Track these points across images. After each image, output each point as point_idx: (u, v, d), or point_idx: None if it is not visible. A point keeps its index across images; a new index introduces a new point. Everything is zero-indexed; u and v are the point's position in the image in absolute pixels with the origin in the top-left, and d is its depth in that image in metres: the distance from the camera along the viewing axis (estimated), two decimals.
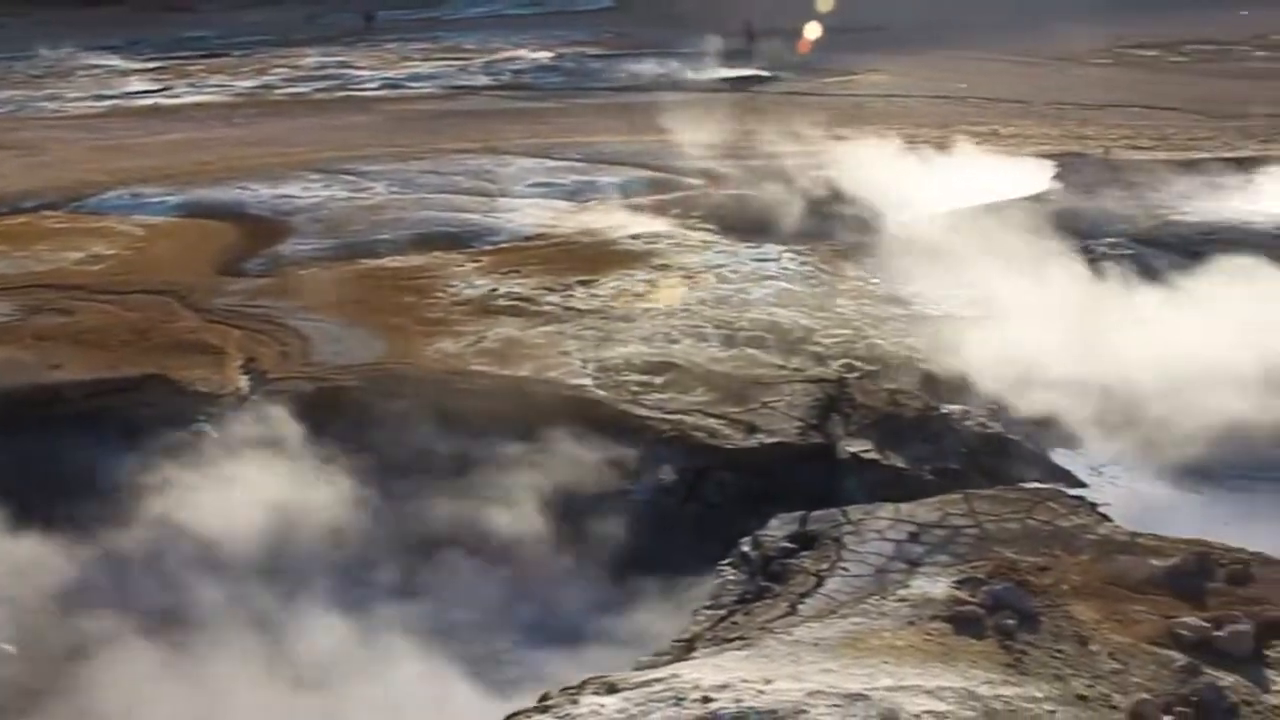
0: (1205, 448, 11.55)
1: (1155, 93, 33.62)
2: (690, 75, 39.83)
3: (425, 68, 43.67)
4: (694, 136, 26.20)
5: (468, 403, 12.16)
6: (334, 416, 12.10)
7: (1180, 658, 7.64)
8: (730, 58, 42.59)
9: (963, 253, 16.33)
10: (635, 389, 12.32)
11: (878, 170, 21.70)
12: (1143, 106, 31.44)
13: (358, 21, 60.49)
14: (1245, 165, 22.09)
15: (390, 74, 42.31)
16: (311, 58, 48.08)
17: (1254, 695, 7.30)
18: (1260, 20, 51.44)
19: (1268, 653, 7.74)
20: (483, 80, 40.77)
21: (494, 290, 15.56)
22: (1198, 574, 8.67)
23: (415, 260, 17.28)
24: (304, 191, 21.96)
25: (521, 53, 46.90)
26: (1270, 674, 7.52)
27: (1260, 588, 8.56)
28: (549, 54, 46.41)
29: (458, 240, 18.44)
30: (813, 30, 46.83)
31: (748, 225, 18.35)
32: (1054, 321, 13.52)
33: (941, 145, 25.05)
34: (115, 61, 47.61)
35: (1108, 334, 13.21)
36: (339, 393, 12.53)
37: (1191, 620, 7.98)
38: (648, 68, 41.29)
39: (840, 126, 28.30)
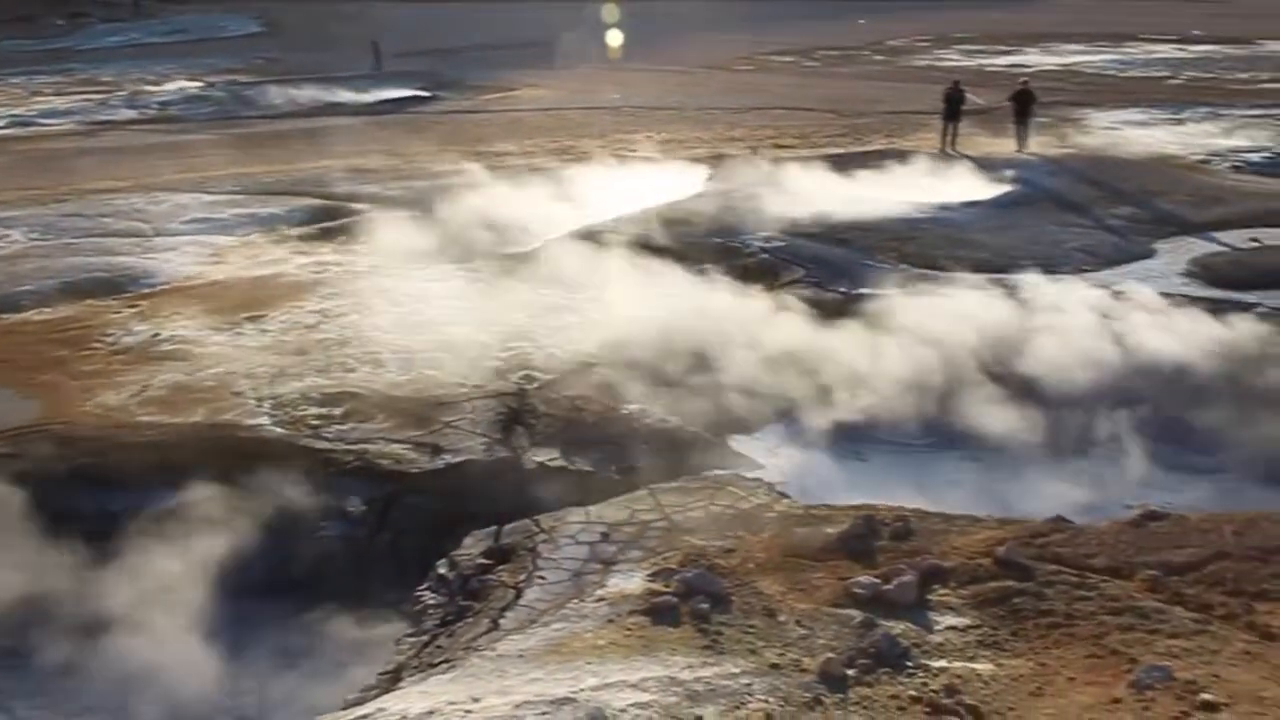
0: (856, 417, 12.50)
1: (794, 95, 36.00)
2: (349, 98, 39.11)
3: (60, 103, 40.53)
4: (356, 161, 25.78)
5: (136, 456, 11.42)
6: None
7: (858, 614, 8.26)
8: (388, 79, 42.17)
9: (628, 258, 16.91)
10: (315, 422, 11.98)
11: (540, 183, 22.09)
12: (784, 108, 33.58)
13: None
14: (875, 158, 24.04)
15: (19, 111, 38.98)
16: None
17: (921, 637, 7.99)
18: (876, 29, 56.65)
19: (930, 597, 8.50)
20: (126, 114, 38.26)
21: (156, 335, 14.69)
22: (866, 535, 9.39)
23: (65, 311, 16.02)
24: None
25: (167, 83, 44.48)
26: (933, 616, 8.26)
27: (920, 540, 9.37)
28: (197, 83, 44.24)
29: (112, 286, 17.26)
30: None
31: (416, 247, 18.19)
32: (712, 317, 14.27)
33: (600, 154, 25.81)
34: None
35: (764, 329, 14.04)
36: None
37: (864, 579, 8.65)
38: (304, 93, 40.17)
39: (502, 142, 28.64)
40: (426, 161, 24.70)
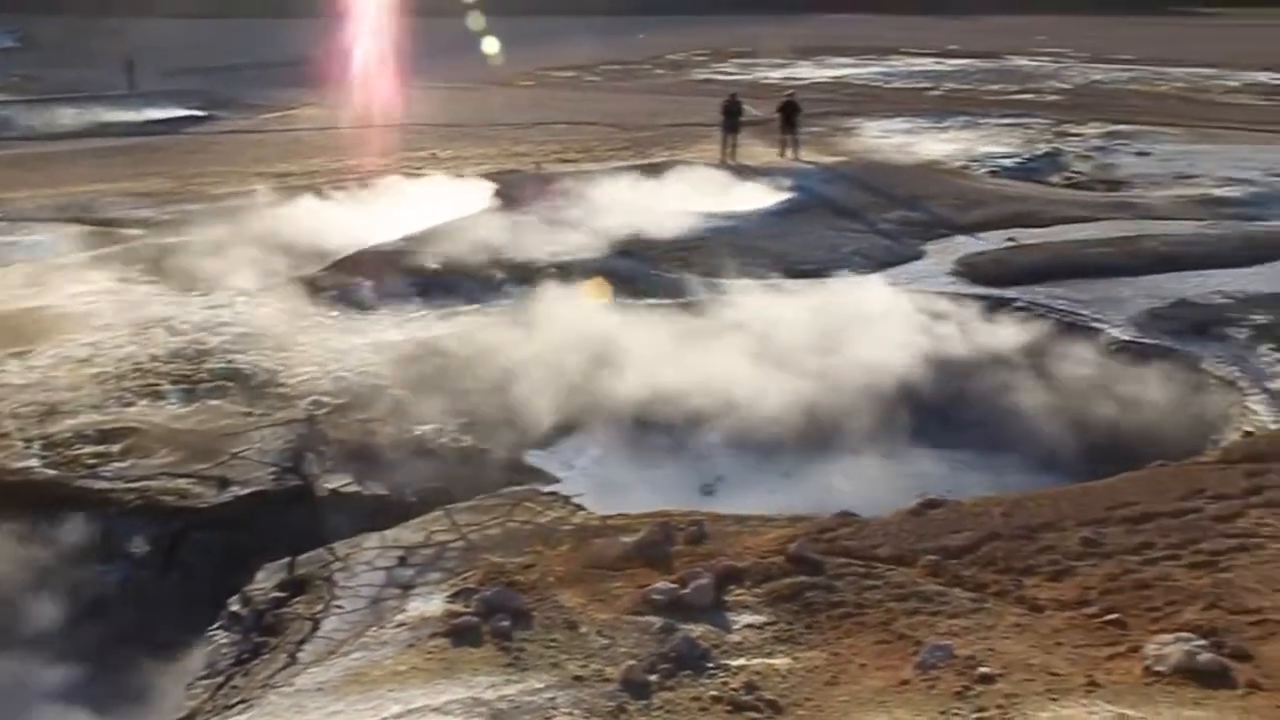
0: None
1: (577, 110, 36.38)
2: (118, 118, 37.35)
3: None
4: (128, 184, 24.64)
5: None
6: None
7: (658, 620, 8.39)
8: (160, 98, 40.48)
9: (415, 277, 16.74)
10: (91, 461, 11.38)
11: (323, 204, 21.64)
12: (567, 123, 33.89)
13: None
14: (658, 170, 24.52)
15: None
16: None
17: (720, 638, 8.18)
18: (656, 44, 57.91)
19: (727, 598, 8.71)
20: None
21: None
22: (662, 541, 9.55)
23: None
24: None
25: None
26: (730, 616, 8.46)
27: (714, 542, 9.60)
28: None
29: None
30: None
31: (195, 273, 17.50)
32: (504, 335, 14.29)
33: (384, 173, 25.44)
34: None
35: (555, 343, 14.14)
36: None
37: (662, 585, 8.78)
38: (69, 113, 38.10)
39: (282, 162, 27.90)
40: (204, 184, 23.82)
